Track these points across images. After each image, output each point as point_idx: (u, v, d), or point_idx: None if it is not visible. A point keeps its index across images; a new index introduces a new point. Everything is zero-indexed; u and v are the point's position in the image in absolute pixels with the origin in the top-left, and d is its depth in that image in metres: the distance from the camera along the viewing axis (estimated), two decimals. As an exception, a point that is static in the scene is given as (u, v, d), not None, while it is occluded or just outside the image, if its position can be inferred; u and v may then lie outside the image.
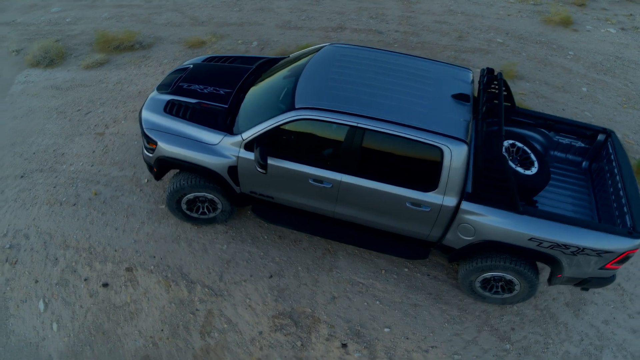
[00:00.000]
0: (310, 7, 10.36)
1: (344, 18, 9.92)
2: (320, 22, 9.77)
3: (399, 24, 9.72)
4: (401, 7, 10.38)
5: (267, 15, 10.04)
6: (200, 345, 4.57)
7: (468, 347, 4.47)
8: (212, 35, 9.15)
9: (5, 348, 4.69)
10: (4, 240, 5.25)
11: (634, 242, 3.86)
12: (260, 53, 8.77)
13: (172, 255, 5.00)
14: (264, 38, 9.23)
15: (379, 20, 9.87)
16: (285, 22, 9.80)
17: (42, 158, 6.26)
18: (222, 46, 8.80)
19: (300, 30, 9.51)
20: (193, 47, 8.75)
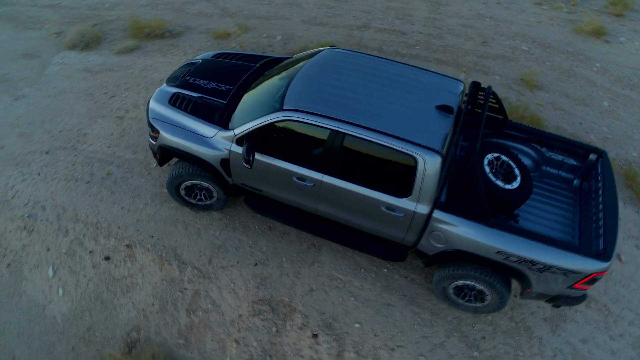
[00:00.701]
0: (338, 4, 10.51)
1: (369, 17, 10.02)
2: (345, 20, 9.91)
3: (424, 26, 9.73)
4: (429, 9, 10.36)
5: (295, 10, 10.27)
6: (185, 322, 4.94)
7: (434, 350, 4.63)
8: (238, 27, 9.48)
9: (17, 307, 5.22)
10: (24, 209, 5.79)
11: (601, 264, 3.91)
12: (283, 48, 9.03)
13: (168, 236, 5.39)
14: (288, 33, 9.48)
15: (405, 20, 9.91)
16: (312, 18, 10.00)
17: (66, 136, 6.79)
18: (247, 39, 9.12)
19: (325, 27, 9.69)
20: (219, 39, 9.11)
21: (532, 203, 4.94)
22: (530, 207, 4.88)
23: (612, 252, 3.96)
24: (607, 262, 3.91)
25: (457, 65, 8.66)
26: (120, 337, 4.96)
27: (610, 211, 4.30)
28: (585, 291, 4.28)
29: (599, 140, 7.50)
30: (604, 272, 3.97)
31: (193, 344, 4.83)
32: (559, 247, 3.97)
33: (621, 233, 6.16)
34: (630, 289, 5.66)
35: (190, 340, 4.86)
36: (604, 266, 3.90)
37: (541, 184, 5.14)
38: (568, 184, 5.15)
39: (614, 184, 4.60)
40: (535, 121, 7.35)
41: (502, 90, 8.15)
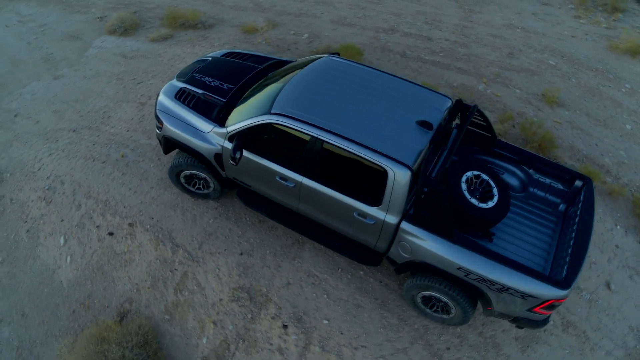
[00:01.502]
0: (370, 5, 10.61)
1: (398, 20, 10.08)
2: (374, 22, 10.02)
3: (452, 33, 9.69)
4: (460, 16, 10.29)
5: (326, 9, 10.47)
6: (172, 300, 5.37)
7: (396, 355, 4.83)
8: (268, 22, 9.80)
9: (31, 269, 5.83)
10: (46, 182, 6.39)
11: (558, 292, 3.97)
12: (308, 46, 9.26)
13: (167, 219, 5.82)
14: (316, 31, 9.70)
15: (433, 26, 9.90)
16: (341, 18, 10.17)
17: (93, 117, 7.37)
18: (274, 35, 9.42)
19: (353, 28, 9.85)
20: (247, 33, 9.47)
21: (513, 224, 5.01)
22: (510, 227, 4.95)
23: (573, 281, 4.01)
24: (566, 290, 3.96)
25: (479, 75, 8.63)
26: (115, 307, 5.45)
27: (581, 239, 4.33)
28: (547, 316, 4.34)
29: (613, 164, 7.34)
30: (561, 300, 4.03)
31: (177, 320, 5.25)
32: (518, 270, 4.06)
33: (617, 262, 6.08)
34: (615, 319, 5.61)
35: (175, 316, 5.28)
36: (561, 294, 3.96)
37: (526, 206, 5.18)
38: (553, 208, 5.16)
39: (593, 213, 4.61)
40: (548, 139, 7.26)
41: (520, 105, 8.07)
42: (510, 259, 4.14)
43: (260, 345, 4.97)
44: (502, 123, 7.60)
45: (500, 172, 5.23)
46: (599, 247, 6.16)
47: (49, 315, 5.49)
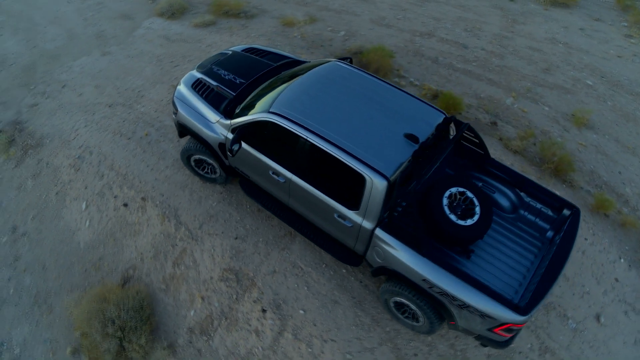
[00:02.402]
0: (412, 7, 10.60)
1: (437, 25, 10.03)
2: (412, 25, 10.03)
3: (490, 42, 9.55)
4: (502, 25, 10.09)
5: (367, 8, 10.57)
6: (170, 272, 5.85)
7: (363, 353, 5.06)
8: (308, 17, 10.05)
9: (55, 227, 6.49)
10: (77, 151, 7.04)
11: (516, 317, 4.04)
12: (342, 44, 9.44)
13: (175, 198, 6.29)
14: (353, 29, 9.86)
15: (472, 34, 9.79)
16: (380, 18, 10.25)
17: (128, 95, 7.97)
18: (310, 30, 9.66)
19: (390, 29, 9.92)
20: (285, 26, 9.77)
21: (497, 244, 5.05)
22: (493, 247, 5.00)
23: (533, 309, 4.05)
24: (524, 316, 4.02)
25: (508, 88, 8.51)
26: (120, 271, 6.00)
27: (553, 269, 4.36)
28: (507, 338, 4.42)
29: (634, 194, 7.11)
30: (519, 325, 4.10)
31: (171, 291, 5.73)
32: (479, 289, 4.16)
33: (613, 295, 5.97)
34: (599, 352, 5.55)
35: (170, 287, 5.76)
36: (518, 319, 4.02)
37: (513, 227, 5.19)
38: (541, 233, 5.14)
39: (572, 243, 4.59)
40: (565, 162, 7.12)
41: (546, 123, 7.92)
42: (473, 278, 4.24)
43: (240, 325, 5.35)
44: (522, 140, 7.51)
45: (492, 191, 5.26)
46: (597, 278, 6.05)
47: (64, 271, 6.12)
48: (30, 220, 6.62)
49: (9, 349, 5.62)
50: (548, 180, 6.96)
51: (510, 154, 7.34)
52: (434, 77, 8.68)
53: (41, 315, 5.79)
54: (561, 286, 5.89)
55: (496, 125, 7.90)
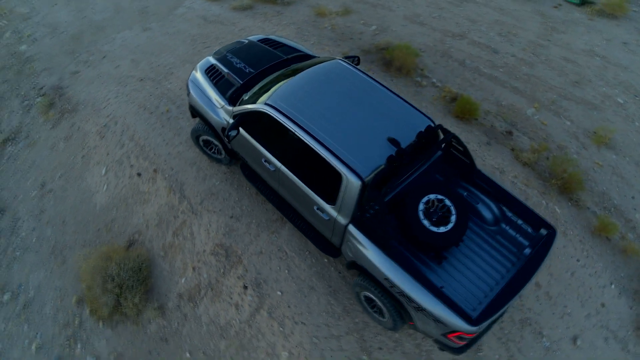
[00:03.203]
0: (449, 7, 10.49)
1: (472, 27, 9.90)
2: (446, 24, 9.95)
3: (522, 49, 9.35)
4: (539, 32, 9.81)
5: (403, 3, 10.55)
6: (169, 241, 6.34)
7: (329, 339, 5.36)
8: (343, 8, 10.18)
9: (78, 188, 7.13)
10: (105, 119, 7.64)
11: (466, 326, 4.19)
12: (372, 38, 9.52)
13: (183, 173, 6.75)
14: (385, 25, 9.91)
15: (506, 39, 9.60)
16: (415, 15, 10.23)
17: (159, 71, 8.49)
18: (342, 22, 9.80)
19: (423, 27, 9.89)
20: (318, 16, 9.96)
21: (472, 254, 5.14)
22: (467, 256, 5.11)
23: (483, 321, 4.18)
24: (474, 327, 4.17)
25: (532, 99, 8.37)
26: (127, 235, 6.55)
27: (514, 286, 4.45)
28: (460, 345, 4.57)
29: (643, 221, 6.92)
30: (470, 335, 4.25)
31: (168, 258, 6.22)
32: (435, 295, 4.33)
33: (596, 320, 5.94)
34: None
35: (168, 255, 6.25)
36: (469, 329, 4.17)
37: (492, 240, 5.26)
38: (519, 249, 5.17)
39: (540, 264, 4.64)
40: (575, 180, 7.01)
41: (564, 138, 7.78)
42: (431, 283, 4.41)
43: (223, 297, 5.77)
44: (534, 152, 7.43)
45: (475, 202, 5.34)
46: (582, 301, 6.02)
47: (80, 228, 6.76)
48: (57, 178, 7.30)
49: (25, 291, 6.32)
50: (553, 197, 6.89)
51: (518, 165, 7.29)
52: (457, 80, 8.64)
53: (55, 265, 6.45)
54: (541, 304, 5.91)
55: (511, 135, 7.82)
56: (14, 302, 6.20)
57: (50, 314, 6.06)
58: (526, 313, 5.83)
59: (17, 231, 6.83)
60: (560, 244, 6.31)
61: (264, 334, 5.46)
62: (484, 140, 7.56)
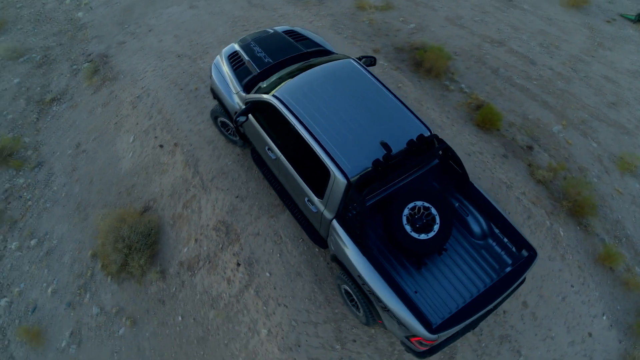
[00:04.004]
0: (494, 11, 10.25)
1: (513, 35, 9.66)
2: (487, 30, 9.77)
3: (562, 63, 9.06)
4: (584, 47, 9.44)
5: (448, 4, 10.41)
6: (179, 212, 6.80)
7: (307, 324, 5.65)
8: (384, 3, 10.19)
9: (108, 152, 7.72)
10: (139, 90, 8.17)
11: (425, 333, 4.33)
12: (408, 37, 9.50)
13: (200, 150, 7.17)
14: (424, 24, 9.86)
15: (547, 51, 9.32)
16: (457, 17, 10.09)
17: (197, 49, 8.91)
18: (381, 17, 9.83)
19: (462, 30, 9.76)
20: (358, 9, 10.03)
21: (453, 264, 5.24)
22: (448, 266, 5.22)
23: (443, 331, 4.32)
24: (432, 335, 4.31)
25: (561, 115, 8.18)
26: (144, 201, 7.07)
27: (480, 301, 4.54)
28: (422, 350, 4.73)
29: (654, 255, 6.71)
30: (429, 342, 4.40)
31: (175, 228, 6.69)
32: (400, 298, 4.50)
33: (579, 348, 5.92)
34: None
35: (176, 224, 6.72)
36: (427, 336, 4.31)
37: (476, 254, 5.32)
38: (501, 267, 5.21)
39: (513, 284, 4.69)
40: (588, 204, 6.88)
41: (587, 160, 7.60)
42: (399, 286, 4.57)
43: (218, 270, 6.17)
44: (551, 171, 7.31)
45: (465, 214, 5.41)
46: (568, 327, 5.99)
47: (104, 189, 7.34)
48: (91, 140, 7.92)
49: (49, 240, 6.99)
50: (560, 218, 6.79)
51: (531, 182, 7.20)
52: (487, 88, 8.54)
53: (78, 220, 7.08)
54: (525, 323, 5.92)
55: (531, 150, 7.71)
56: (39, 248, 6.88)
57: (67, 263, 6.69)
58: (507, 330, 5.87)
59: (50, 185, 7.51)
60: (556, 267, 6.25)
61: (248, 310, 5.82)
62: (500, 152, 7.49)
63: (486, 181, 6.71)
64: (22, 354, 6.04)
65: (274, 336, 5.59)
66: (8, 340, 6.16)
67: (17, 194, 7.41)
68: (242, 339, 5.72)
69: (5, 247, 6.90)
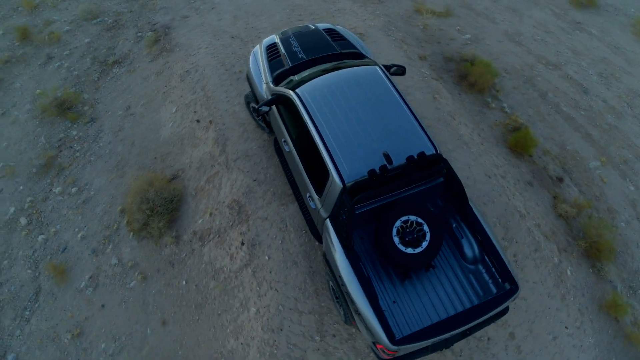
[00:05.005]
0: (558, 32, 9.83)
1: (572, 59, 9.26)
2: (545, 51, 9.42)
3: (618, 97, 8.61)
4: (649, 82, 8.88)
5: (510, 18, 10.10)
6: (202, 185, 7.28)
7: (292, 311, 5.96)
8: (444, 10, 10.07)
9: (152, 118, 8.35)
10: (189, 66, 8.70)
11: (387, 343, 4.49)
12: (459, 47, 9.38)
13: (231, 130, 7.59)
14: (480, 36, 9.66)
15: (604, 81, 8.87)
16: (516, 33, 9.79)
17: (250, 33, 9.30)
18: (436, 24, 9.74)
19: (518, 48, 9.48)
20: (416, 12, 9.98)
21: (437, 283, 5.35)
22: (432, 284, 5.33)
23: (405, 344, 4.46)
24: (393, 346, 4.47)
25: (603, 152, 7.85)
26: (174, 169, 7.62)
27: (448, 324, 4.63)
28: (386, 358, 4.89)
29: (667, 314, 6.41)
30: (390, 352, 4.57)
31: (196, 199, 7.19)
32: (372, 305, 4.68)
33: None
34: None
35: (197, 196, 7.22)
36: (389, 346, 4.47)
37: (463, 277, 5.37)
38: (485, 294, 5.23)
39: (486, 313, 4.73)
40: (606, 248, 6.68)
41: (619, 202, 7.32)
42: (373, 294, 4.75)
43: (224, 246, 6.61)
44: (576, 207, 7.11)
45: (460, 236, 5.46)
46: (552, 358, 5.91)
47: (143, 152, 7.98)
48: (140, 105, 8.58)
49: (88, 190, 7.74)
50: (572, 257, 6.62)
51: (552, 215, 7.04)
52: (529, 111, 8.32)
53: (115, 177, 7.76)
54: (508, 354, 5.91)
55: (561, 182, 7.49)
56: (78, 196, 7.64)
57: (99, 214, 7.40)
58: (489, 357, 5.88)
59: (98, 140, 8.25)
60: (554, 306, 6.14)
61: (244, 288, 6.22)
62: (526, 179, 7.34)
63: (499, 206, 6.64)
64: (48, 287, 6.82)
65: (260, 316, 5.96)
66: (39, 272, 6.96)
67: (68, 144, 8.22)
68: (234, 312, 6.13)
69: (50, 190, 7.73)
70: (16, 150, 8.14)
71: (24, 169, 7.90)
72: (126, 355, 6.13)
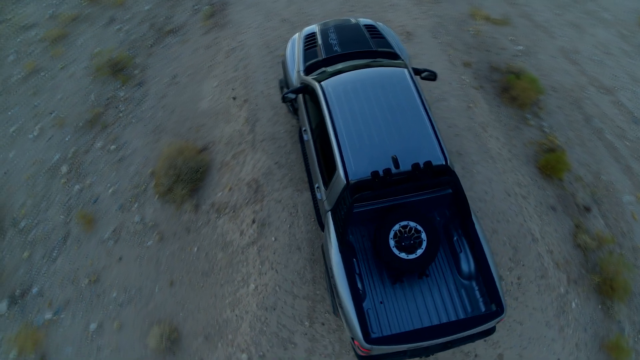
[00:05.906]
0: (620, 54, 9.31)
1: (628, 85, 8.77)
2: (600, 73, 8.96)
3: (670, 131, 8.10)
4: None
5: (570, 34, 9.66)
6: (227, 160, 7.61)
7: (287, 294, 6.17)
8: (501, 17, 9.76)
9: (194, 89, 8.74)
10: (236, 44, 8.99)
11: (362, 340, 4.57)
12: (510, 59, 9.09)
13: (262, 112, 7.84)
14: (533, 49, 9.32)
15: (660, 112, 8.36)
16: (573, 51, 9.36)
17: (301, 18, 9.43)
18: (489, 31, 9.47)
19: (572, 66, 9.08)
20: (470, 16, 9.73)
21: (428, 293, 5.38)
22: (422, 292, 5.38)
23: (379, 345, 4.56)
24: (367, 344, 4.58)
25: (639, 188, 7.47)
26: (206, 141, 7.99)
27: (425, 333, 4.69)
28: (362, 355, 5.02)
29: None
30: (364, 349, 4.70)
31: (220, 172, 7.53)
32: (354, 301, 4.82)
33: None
34: None
35: (221, 170, 7.56)
36: (363, 344, 4.58)
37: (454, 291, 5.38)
38: (474, 312, 5.22)
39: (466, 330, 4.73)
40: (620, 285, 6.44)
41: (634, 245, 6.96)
42: (358, 291, 4.89)
43: (237, 221, 6.92)
44: (598, 240, 6.86)
45: (459, 249, 5.45)
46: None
47: (180, 121, 8.38)
48: (186, 75, 8.99)
49: (125, 149, 8.25)
50: (582, 291, 6.43)
51: (569, 244, 6.83)
52: (569, 134, 8.01)
53: (151, 140, 8.24)
54: (491, 374, 5.88)
55: (587, 212, 7.23)
56: (115, 153, 8.19)
57: (131, 173, 7.91)
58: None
59: (141, 104, 8.76)
60: (550, 335, 6.01)
61: (247, 264, 6.52)
62: (550, 203, 7.14)
63: (513, 227, 6.52)
64: (76, 233, 7.41)
65: (257, 293, 6.24)
66: (70, 219, 7.57)
67: (115, 103, 8.77)
68: (235, 286, 6.45)
69: (92, 144, 8.32)
70: (68, 103, 8.79)
71: (73, 121, 8.53)
72: (133, 307, 6.61)
